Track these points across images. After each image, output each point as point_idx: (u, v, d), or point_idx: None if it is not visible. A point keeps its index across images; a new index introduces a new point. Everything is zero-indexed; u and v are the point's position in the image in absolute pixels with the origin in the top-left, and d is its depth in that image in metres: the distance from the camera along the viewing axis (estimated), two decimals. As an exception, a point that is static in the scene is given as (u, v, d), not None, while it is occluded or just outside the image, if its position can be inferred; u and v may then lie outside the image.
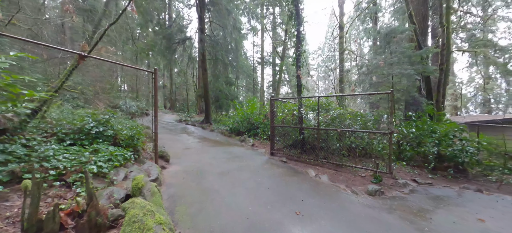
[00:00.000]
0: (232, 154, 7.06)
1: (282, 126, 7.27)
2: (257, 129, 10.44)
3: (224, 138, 10.24)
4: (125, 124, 6.11)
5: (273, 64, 29.29)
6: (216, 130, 12.06)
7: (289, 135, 7.83)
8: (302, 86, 7.01)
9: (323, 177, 5.29)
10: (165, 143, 8.37)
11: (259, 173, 5.36)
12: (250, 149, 8.09)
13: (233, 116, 11.95)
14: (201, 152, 7.24)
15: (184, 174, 4.98)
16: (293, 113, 6.92)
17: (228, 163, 6.04)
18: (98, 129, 4.25)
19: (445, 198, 4.45)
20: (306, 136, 6.87)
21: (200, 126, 13.43)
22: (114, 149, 4.03)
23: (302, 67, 6.99)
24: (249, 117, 10.55)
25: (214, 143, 8.89)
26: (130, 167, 4.00)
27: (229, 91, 17.93)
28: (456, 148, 6.17)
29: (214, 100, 17.56)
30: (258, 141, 9.34)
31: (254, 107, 10.80)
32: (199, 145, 8.36)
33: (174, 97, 25.70)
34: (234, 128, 11.02)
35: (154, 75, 4.99)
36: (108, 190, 2.90)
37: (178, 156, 6.55)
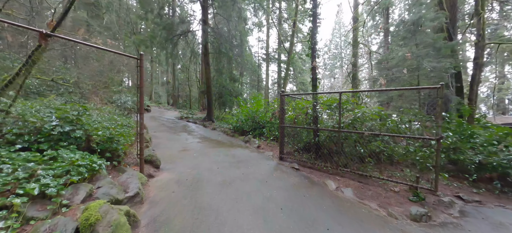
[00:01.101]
0: (235, 158, 6.04)
1: (293, 126, 6.21)
2: (262, 128, 9.39)
3: (227, 138, 9.22)
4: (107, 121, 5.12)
5: (278, 60, 28.18)
6: (218, 128, 11.06)
7: (300, 137, 6.78)
8: (318, 80, 5.92)
9: (347, 191, 4.23)
10: (162, 143, 7.40)
11: (268, 183, 4.32)
12: (255, 151, 7.06)
13: (237, 114, 10.93)
14: (200, 154, 6.23)
15: (176, 185, 3.97)
16: (307, 112, 5.85)
17: (231, 170, 5.02)
18: (62, 129, 3.26)
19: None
20: (322, 138, 5.80)
21: (202, 124, 12.45)
22: (81, 155, 3.04)
23: (317, 57, 5.90)
24: (254, 115, 9.51)
25: (216, 143, 7.89)
26: (101, 180, 3.00)
27: (233, 88, 16.90)
28: (504, 157, 5.03)
29: (217, 97, 16.56)
30: (264, 142, 8.30)
31: (260, 105, 9.75)
32: (199, 145, 7.36)
33: (176, 93, 24.80)
34: (237, 127, 10.00)
35: (139, 62, 3.98)
36: (50, 224, 1.90)
37: (173, 159, 5.55)
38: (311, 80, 5.95)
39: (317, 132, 5.83)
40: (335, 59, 49.16)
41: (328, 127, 5.66)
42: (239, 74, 20.52)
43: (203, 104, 20.27)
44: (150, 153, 4.67)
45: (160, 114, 16.99)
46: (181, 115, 15.76)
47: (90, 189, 2.66)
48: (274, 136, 8.29)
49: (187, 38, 15.70)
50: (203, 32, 12.61)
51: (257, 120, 9.56)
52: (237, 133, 9.82)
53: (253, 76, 31.55)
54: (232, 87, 16.39)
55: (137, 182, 3.34)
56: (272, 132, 8.59)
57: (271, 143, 7.96)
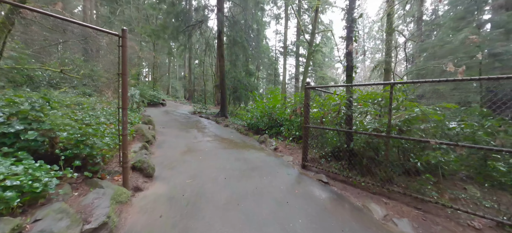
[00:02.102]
0: (248, 163, 4.94)
1: (322, 127, 4.93)
2: (280, 126, 8.19)
3: (240, 136, 8.15)
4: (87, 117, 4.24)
5: (296, 53, 26.59)
6: (231, 125, 10.04)
7: (325, 139, 5.50)
8: (354, 69, 4.56)
9: (402, 224, 2.94)
10: (167, 140, 6.51)
11: (290, 206, 3.16)
12: (272, 154, 5.90)
13: (251, 110, 9.81)
14: (206, 157, 5.21)
15: (167, 204, 2.95)
16: (340, 109, 4.54)
17: (241, 181, 3.92)
18: (10, 129, 2.35)
19: None
20: (358, 144, 4.48)
21: (214, 119, 11.52)
22: (25, 167, 2.10)
23: (355, 40, 4.54)
24: (270, 112, 8.32)
25: (227, 143, 6.84)
26: (47, 206, 2.04)
27: (249, 82, 15.79)
28: None
29: (232, 91, 15.56)
30: (282, 143, 7.10)
31: (277, 100, 8.52)
32: (207, 145, 6.36)
33: (192, 88, 24.28)
34: (252, 124, 8.89)
35: (121, 40, 2.96)
36: None
37: (173, 164, 4.57)
38: (345, 69, 4.61)
39: (351, 136, 4.52)
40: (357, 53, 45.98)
41: (368, 129, 4.31)
42: (255, 68, 19.33)
43: (218, 99, 19.46)
44: (140, 158, 3.70)
45: (174, 109, 16.41)
46: (194, 109, 15.01)
47: (16, 228, 1.69)
48: (295, 137, 7.06)
49: (202, 30, 14.78)
50: (218, 21, 11.56)
51: (274, 117, 8.36)
52: (252, 131, 8.72)
53: (269, 71, 30.22)
54: (247, 81, 15.28)
55: (107, 205, 2.36)
56: (291, 131, 7.35)
57: (290, 145, 6.74)
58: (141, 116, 7.75)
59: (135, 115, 7.19)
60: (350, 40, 4.48)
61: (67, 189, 2.47)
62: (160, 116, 11.60)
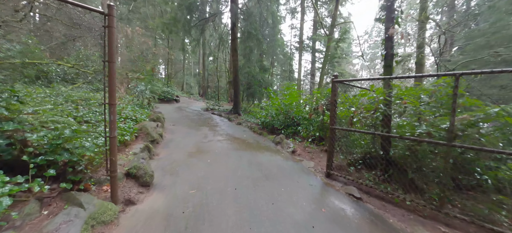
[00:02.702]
0: (262, 169, 4.24)
1: (355, 131, 4.08)
2: (297, 126, 7.40)
3: (253, 136, 7.47)
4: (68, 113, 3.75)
5: (313, 49, 25.34)
6: (244, 123, 9.39)
7: (352, 143, 4.65)
8: (395, 57, 3.67)
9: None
10: (175, 139, 5.98)
11: (316, 231, 2.42)
12: (290, 158, 5.15)
13: (266, 108, 9.08)
14: (215, 160, 4.58)
15: (160, 226, 2.33)
16: (377, 107, 3.67)
17: (255, 193, 3.23)
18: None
19: None
20: (399, 151, 3.61)
21: (227, 117, 10.94)
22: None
23: (397, 22, 3.63)
24: (287, 110, 7.54)
25: (239, 144, 6.19)
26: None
27: (263, 78, 15.02)
28: None
29: (246, 87, 14.90)
30: (300, 144, 6.32)
31: (295, 97, 7.70)
32: (218, 146, 5.74)
33: (206, 84, 23.97)
34: (267, 123, 8.16)
35: (108, 19, 2.36)
36: None
37: (176, 168, 3.98)
38: (383, 58, 3.72)
39: (389, 141, 3.65)
40: (377, 48, 43.44)
41: (412, 134, 3.41)
42: (270, 63, 18.48)
43: (231, 95, 18.93)
44: (136, 164, 3.12)
45: (187, 105, 16.10)
46: (207, 106, 14.57)
47: None
48: (314, 137, 6.24)
49: (215, 24, 14.21)
50: (231, 13, 10.89)
51: (291, 115, 7.57)
52: (266, 130, 8.00)
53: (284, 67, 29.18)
54: (261, 77, 14.52)
55: (77, 231, 1.76)
56: (310, 132, 6.54)
57: (309, 147, 5.94)
58: (150, 113, 7.33)
59: (143, 112, 6.78)
60: (391, 22, 3.58)
61: (32, 208, 1.92)
62: (172, 112, 11.24)
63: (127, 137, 4.01)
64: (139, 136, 4.85)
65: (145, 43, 13.97)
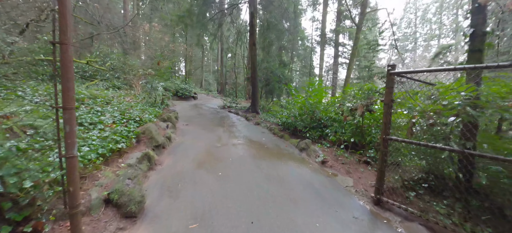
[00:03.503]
0: (286, 188, 3.25)
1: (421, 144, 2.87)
2: (324, 128, 6.27)
3: (273, 139, 6.48)
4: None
5: (336, 42, 23.49)
6: (263, 123, 8.42)
7: (405, 155, 3.45)
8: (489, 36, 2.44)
9: None
10: (185, 143, 5.22)
11: None
12: (320, 172, 4.10)
13: (288, 106, 8.01)
14: (227, 172, 3.69)
15: None
16: (462, 111, 2.47)
17: (278, 230, 2.26)
18: None
19: None
20: (491, 177, 2.39)
21: (244, 115, 10.06)
22: None
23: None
24: (313, 109, 6.40)
25: (257, 149, 5.25)
26: None
27: (283, 73, 13.89)
28: None
29: (264, 84, 13.89)
30: (328, 150, 5.21)
31: (322, 95, 6.54)
32: (232, 152, 4.85)
33: (224, 81, 23.38)
34: (288, 124, 7.11)
35: None
36: None
37: (178, 185, 3.14)
38: (468, 39, 2.50)
39: (471, 161, 2.44)
40: (406, 40, 39.67)
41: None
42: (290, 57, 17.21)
43: (249, 92, 18.04)
44: (119, 187, 2.31)
45: (204, 102, 15.54)
46: (224, 103, 13.83)
47: None
48: (349, 143, 5.08)
49: (233, 17, 13.33)
50: (250, 3, 9.89)
51: (317, 116, 6.44)
52: (287, 132, 6.96)
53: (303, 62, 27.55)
54: (281, 73, 13.40)
55: None
56: (342, 136, 5.38)
57: (342, 157, 4.80)
58: (161, 112, 6.69)
59: (153, 111, 6.14)
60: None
61: None
62: (187, 110, 10.64)
63: (121, 145, 3.27)
64: (141, 141, 4.13)
65: (163, 40, 13.58)
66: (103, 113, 4.49)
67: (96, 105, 5.27)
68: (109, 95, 7.12)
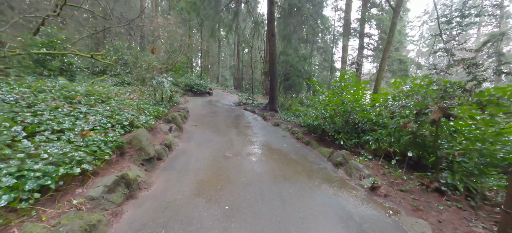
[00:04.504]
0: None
1: None
2: (362, 133, 4.84)
3: (297, 146, 5.17)
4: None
5: (360, 33, 21.25)
6: (283, 124, 7.11)
7: None
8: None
9: None
10: (188, 151, 4.15)
11: None
12: (371, 205, 2.76)
13: (316, 105, 6.58)
14: (237, 205, 2.50)
15: None
16: None
17: None
18: None
19: None
20: None
21: (261, 114, 8.82)
22: None
23: None
24: (349, 111, 4.95)
25: (278, 163, 4.00)
26: None
27: (303, 67, 12.33)
28: None
29: (283, 79, 12.46)
30: (376, 166, 3.80)
31: (360, 93, 5.03)
32: (246, 168, 3.66)
33: (240, 76, 22.26)
34: (314, 126, 5.75)
35: None
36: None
37: (166, 219, 2.01)
38: None
39: None
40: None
41: None
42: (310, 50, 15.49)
43: (266, 88, 16.73)
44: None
45: (219, 98, 14.55)
46: (239, 100, 12.70)
47: None
48: (395, 156, 3.63)
49: (249, 5, 12.00)
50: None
51: (354, 118, 4.99)
52: (313, 137, 5.62)
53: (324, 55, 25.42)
54: (302, 66, 11.87)
55: None
56: (391, 145, 3.93)
57: (398, 178, 3.38)
58: (165, 111, 5.69)
59: (155, 110, 5.14)
60: None
61: None
62: (200, 108, 9.67)
63: (85, 166, 2.21)
64: (126, 153, 3.08)
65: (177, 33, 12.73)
66: (87, 116, 3.52)
67: (88, 103, 4.38)
68: (112, 92, 6.29)
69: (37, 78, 6.06)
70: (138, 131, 3.35)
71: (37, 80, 5.57)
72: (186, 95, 13.95)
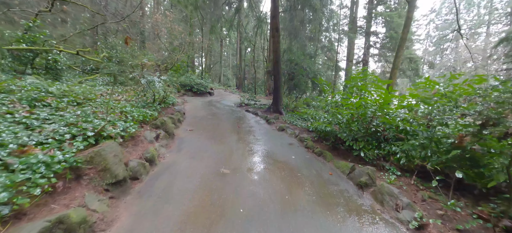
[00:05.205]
0: None
1: None
2: (383, 142, 3.97)
3: (308, 157, 4.32)
4: None
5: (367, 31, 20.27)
6: (289, 128, 6.26)
7: None
8: None
9: None
10: (176, 167, 3.31)
11: None
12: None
13: (327, 108, 5.65)
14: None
15: None
16: None
17: None
18: None
19: None
20: None
21: (264, 116, 7.97)
22: None
23: None
24: (370, 116, 4.07)
25: (286, 183, 3.16)
26: None
27: (309, 65, 11.44)
28: None
29: (287, 78, 11.59)
30: (408, 185, 2.94)
31: (388, 94, 4.14)
32: (246, 192, 2.82)
33: (242, 75, 21.42)
34: (326, 133, 4.88)
35: None
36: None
37: None
38: None
39: None
40: (449, 28, 33.93)
41: None
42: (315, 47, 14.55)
43: (269, 88, 15.86)
44: None
45: (221, 98, 13.74)
46: (241, 100, 11.86)
47: None
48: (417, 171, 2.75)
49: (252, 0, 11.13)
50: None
51: (376, 125, 4.11)
52: (325, 145, 4.76)
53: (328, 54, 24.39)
54: (308, 65, 10.98)
55: None
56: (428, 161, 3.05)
57: (444, 206, 2.50)
58: (156, 115, 4.88)
59: (140, 113, 4.33)
60: None
61: None
62: (199, 109, 8.86)
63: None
64: (83, 177, 2.27)
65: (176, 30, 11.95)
66: (43, 123, 2.73)
67: (57, 107, 3.59)
68: (98, 93, 5.52)
69: (14, 77, 5.31)
70: (104, 145, 2.53)
71: (11, 79, 4.81)
72: (185, 95, 13.18)
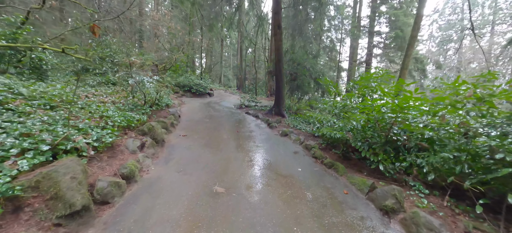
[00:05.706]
0: None
1: None
2: (402, 152, 3.36)
3: (316, 169, 3.72)
4: None
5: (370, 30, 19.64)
6: (293, 133, 5.65)
7: None
8: None
9: None
10: (160, 182, 2.68)
11: None
12: None
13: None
14: None
15: None
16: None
17: None
18: None
19: None
20: None
21: (266, 119, 7.37)
22: None
23: None
24: (390, 122, 3.47)
25: (292, 209, 2.56)
26: None
27: (313, 65, 10.83)
28: None
29: (289, 79, 10.98)
30: (447, 213, 2.33)
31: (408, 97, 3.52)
32: (242, 217, 2.22)
33: (243, 76, 20.84)
34: (337, 140, 4.27)
35: None
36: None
37: None
38: None
39: None
40: (452, 28, 33.25)
41: None
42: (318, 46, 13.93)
43: (271, 89, 15.28)
44: None
45: (220, 100, 13.16)
46: (241, 102, 11.27)
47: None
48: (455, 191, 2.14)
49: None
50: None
51: (397, 133, 3.51)
52: (335, 154, 4.16)
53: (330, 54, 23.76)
54: (311, 65, 10.37)
55: None
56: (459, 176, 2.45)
57: None
58: (144, 119, 4.30)
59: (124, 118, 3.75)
60: None
61: None
62: (196, 111, 8.28)
63: None
64: (27, 207, 1.69)
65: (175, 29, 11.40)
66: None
67: (23, 111, 3.03)
68: (82, 94, 4.95)
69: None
70: (59, 163, 1.94)
71: None
72: (184, 96, 12.63)
